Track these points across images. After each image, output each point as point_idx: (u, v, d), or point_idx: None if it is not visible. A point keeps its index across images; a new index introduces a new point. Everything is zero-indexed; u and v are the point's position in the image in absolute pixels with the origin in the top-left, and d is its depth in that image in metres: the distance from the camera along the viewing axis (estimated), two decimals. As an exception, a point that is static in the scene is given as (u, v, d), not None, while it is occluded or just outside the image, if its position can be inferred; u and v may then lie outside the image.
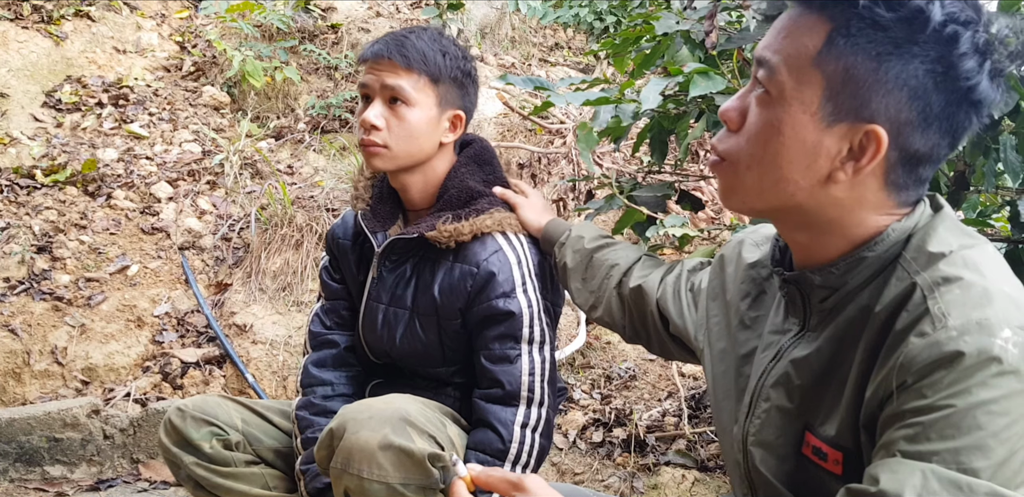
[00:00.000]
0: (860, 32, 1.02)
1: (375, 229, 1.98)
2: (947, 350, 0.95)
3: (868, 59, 1.02)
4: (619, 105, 2.07)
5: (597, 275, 1.84)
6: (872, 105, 1.03)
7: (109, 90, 4.98)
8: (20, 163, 4.35)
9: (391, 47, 1.85)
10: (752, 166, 1.11)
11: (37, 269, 3.81)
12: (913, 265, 1.06)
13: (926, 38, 1.00)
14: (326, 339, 2.11)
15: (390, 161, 1.89)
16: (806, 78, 1.05)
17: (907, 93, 1.02)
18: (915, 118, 1.03)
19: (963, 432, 0.93)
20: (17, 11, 5.06)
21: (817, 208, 1.10)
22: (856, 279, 1.12)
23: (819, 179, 1.08)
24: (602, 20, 6.82)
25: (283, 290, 3.97)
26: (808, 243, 1.16)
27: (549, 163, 4.71)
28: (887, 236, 1.09)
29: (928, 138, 1.05)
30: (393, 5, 6.37)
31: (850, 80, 1.03)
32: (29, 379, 3.50)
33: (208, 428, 1.96)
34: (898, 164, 1.06)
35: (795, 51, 1.06)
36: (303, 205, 4.31)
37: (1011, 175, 1.85)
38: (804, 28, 1.06)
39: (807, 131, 1.06)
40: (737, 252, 1.43)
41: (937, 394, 0.95)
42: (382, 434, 1.62)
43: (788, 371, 1.19)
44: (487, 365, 1.87)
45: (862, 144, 1.05)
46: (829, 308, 1.15)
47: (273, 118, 5.28)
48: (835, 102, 1.04)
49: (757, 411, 1.24)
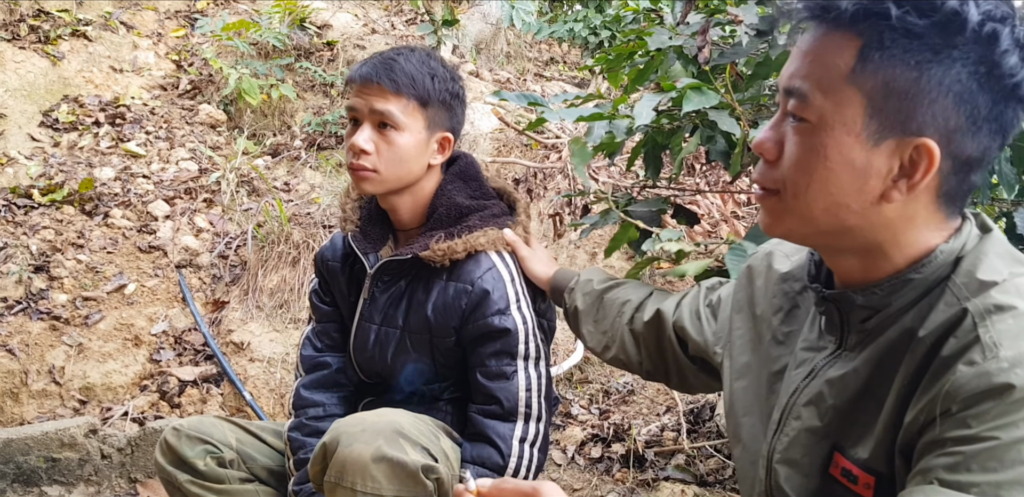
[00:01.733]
0: (895, 43, 0.98)
1: (366, 250, 1.97)
2: (997, 382, 0.92)
3: (907, 69, 0.98)
4: (613, 120, 2.07)
5: (609, 314, 1.82)
6: (918, 117, 0.99)
7: (106, 109, 4.99)
8: (17, 183, 4.36)
9: (379, 71, 1.84)
10: (799, 195, 1.07)
11: (34, 289, 3.80)
12: (963, 290, 1.03)
13: (965, 40, 0.97)
14: (318, 362, 2.10)
15: (380, 185, 1.88)
16: (844, 98, 1.01)
17: (952, 99, 0.98)
18: (964, 123, 0.99)
19: (1006, 466, 0.91)
20: (14, 31, 5.07)
21: (869, 230, 1.06)
22: (901, 301, 1.08)
23: (872, 200, 1.04)
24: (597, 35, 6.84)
25: (280, 307, 3.97)
26: (855, 265, 1.12)
27: (545, 178, 4.71)
28: (935, 258, 1.06)
29: (979, 141, 1.01)
30: (388, 22, 6.40)
31: (891, 94, 0.99)
32: (27, 399, 3.49)
33: (202, 446, 1.97)
34: (951, 173, 1.02)
35: (826, 73, 1.02)
36: (300, 222, 4.31)
37: (1006, 187, 1.85)
38: (831, 48, 1.02)
39: (854, 153, 1.02)
40: (767, 264, 1.39)
41: (982, 425, 0.92)
42: (375, 446, 1.62)
43: (822, 390, 1.16)
44: (484, 382, 1.87)
45: (912, 159, 1.01)
46: (870, 329, 1.12)
47: (269, 135, 5.29)
48: (879, 119, 1.00)
49: (786, 429, 1.21)
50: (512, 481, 1.15)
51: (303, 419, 2.05)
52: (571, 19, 7.03)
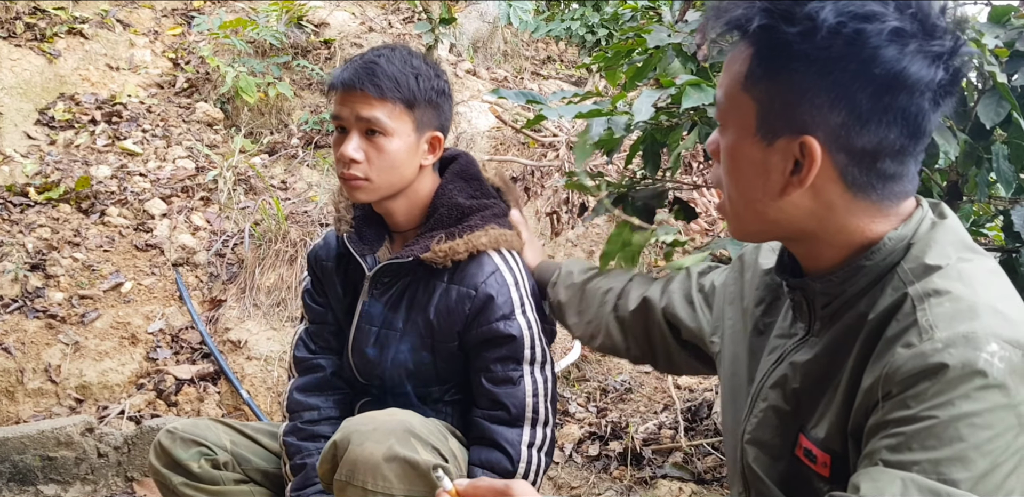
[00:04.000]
0: (773, 52, 1.05)
1: (363, 252, 1.94)
2: (932, 362, 0.96)
3: (785, 74, 1.05)
4: (611, 117, 2.07)
5: (592, 304, 1.83)
6: (799, 117, 1.05)
7: (102, 107, 4.98)
8: (13, 181, 4.35)
9: (362, 76, 1.79)
10: (731, 194, 1.16)
11: (30, 287, 3.79)
12: (909, 275, 1.07)
13: (830, 42, 1.02)
14: (312, 364, 2.08)
15: (373, 193, 1.86)
16: (740, 104, 1.10)
17: (827, 98, 1.04)
18: (847, 119, 1.05)
19: (944, 443, 0.94)
20: (10, 29, 5.06)
21: (793, 221, 1.13)
22: (854, 287, 1.13)
23: (775, 195, 1.11)
24: (594, 33, 6.84)
25: (277, 306, 3.96)
26: (807, 253, 1.18)
27: (542, 176, 4.71)
28: (883, 245, 1.10)
29: (871, 133, 1.05)
30: (386, 20, 6.39)
31: (775, 98, 1.06)
32: (23, 398, 3.48)
33: (196, 448, 1.96)
34: (850, 165, 1.07)
35: (729, 80, 1.11)
36: (297, 220, 4.30)
37: (1004, 185, 1.85)
38: (736, 57, 1.11)
39: (752, 152, 1.10)
40: (755, 257, 1.45)
41: (921, 405, 0.96)
42: (387, 445, 1.61)
43: (787, 373, 1.21)
44: (489, 387, 1.86)
45: (803, 155, 1.07)
46: (829, 315, 1.17)
47: (266, 134, 5.28)
48: (768, 121, 1.08)
49: (755, 410, 1.26)
50: (486, 480, 1.20)
51: (298, 423, 2.03)
52: (568, 17, 7.03)
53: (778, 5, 1.04)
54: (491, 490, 1.16)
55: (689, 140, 2.09)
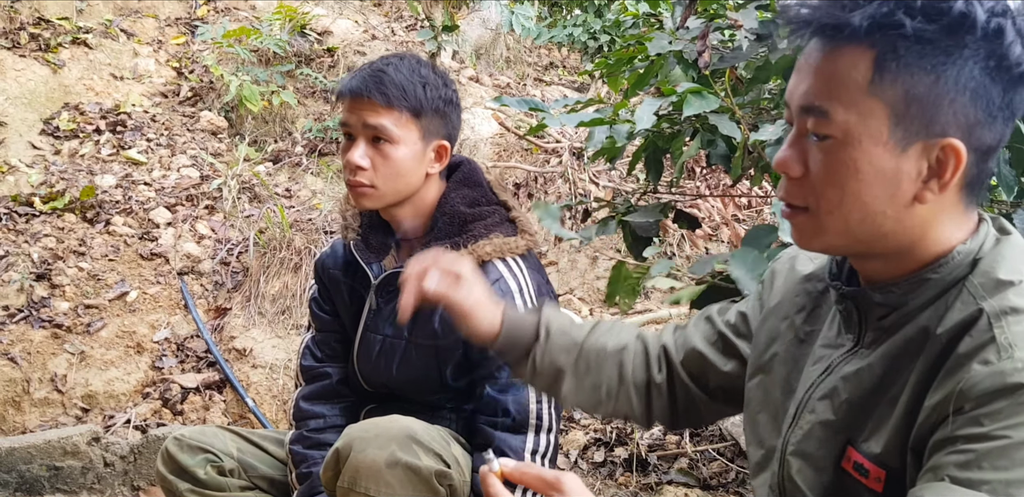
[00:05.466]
0: (908, 51, 1.00)
1: (369, 260, 1.95)
2: (1011, 381, 0.94)
3: (924, 74, 1.00)
4: (614, 125, 2.08)
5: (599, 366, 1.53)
6: (941, 119, 1.01)
7: (107, 116, 5.00)
8: (18, 191, 4.36)
9: (369, 84, 1.81)
10: (833, 210, 1.07)
11: (36, 297, 3.81)
12: (980, 290, 1.04)
13: (974, 39, 0.99)
14: (319, 372, 2.08)
15: (379, 200, 1.86)
16: (866, 110, 1.03)
17: (970, 96, 1.00)
18: (982, 117, 1.01)
19: (1016, 464, 0.92)
20: (14, 39, 5.08)
21: (904, 233, 1.07)
22: (918, 300, 1.09)
23: (906, 204, 1.05)
24: (596, 39, 6.85)
25: (282, 313, 3.97)
26: (882, 265, 1.13)
27: (545, 182, 4.72)
28: (952, 258, 1.07)
29: (995, 131, 1.03)
30: (388, 28, 6.41)
31: (913, 100, 1.01)
32: (29, 407, 3.49)
33: (203, 455, 1.96)
34: (973, 165, 1.04)
35: (844, 88, 1.03)
36: (301, 228, 4.31)
37: (1005, 189, 1.85)
38: (845, 62, 1.03)
39: (884, 162, 1.03)
40: (789, 266, 1.39)
41: (995, 424, 0.93)
42: (389, 451, 1.62)
43: (837, 385, 1.17)
44: (494, 394, 1.86)
45: (939, 159, 1.02)
46: (886, 326, 1.13)
47: (270, 142, 5.29)
48: (904, 125, 1.02)
49: (801, 422, 1.22)
50: (536, 467, 1.13)
51: (304, 431, 2.04)
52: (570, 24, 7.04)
53: (917, 0, 0.99)
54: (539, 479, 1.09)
55: (692, 148, 2.10)
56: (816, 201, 1.08)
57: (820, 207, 1.08)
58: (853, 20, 1.00)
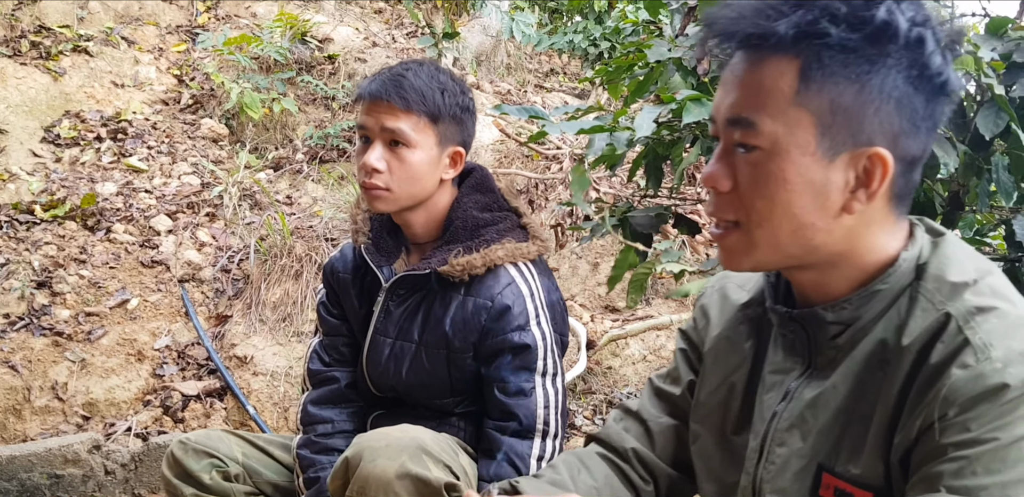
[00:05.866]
0: (832, 60, 1.00)
1: (380, 263, 1.96)
2: (992, 383, 0.94)
3: (849, 83, 1.00)
4: (614, 133, 2.08)
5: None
6: (867, 127, 1.01)
7: (108, 124, 5.01)
8: (19, 199, 4.37)
9: (389, 88, 1.82)
10: (763, 222, 1.06)
11: (37, 304, 3.81)
12: (937, 296, 1.03)
13: (897, 47, 0.99)
14: (326, 376, 2.08)
15: (393, 203, 1.87)
16: (793, 120, 1.02)
17: (894, 105, 1.01)
18: (907, 126, 1.02)
19: (1009, 466, 0.92)
20: (15, 48, 5.09)
21: (832, 243, 1.06)
22: (870, 313, 1.08)
23: (834, 214, 1.04)
24: (596, 46, 6.86)
25: (283, 321, 3.97)
26: (820, 279, 1.12)
27: (546, 189, 4.73)
28: (899, 266, 1.07)
29: (919, 140, 1.04)
30: (389, 35, 6.42)
31: (839, 109, 1.00)
32: (29, 415, 3.49)
33: (208, 460, 1.96)
34: (900, 175, 1.04)
35: (771, 98, 1.03)
36: (302, 235, 4.32)
37: (1004, 195, 1.86)
38: (770, 73, 1.03)
39: (812, 172, 1.02)
40: (720, 296, 1.36)
41: (982, 428, 0.93)
42: (399, 462, 1.62)
43: (803, 413, 1.14)
44: (502, 398, 1.86)
45: (867, 168, 1.02)
46: (842, 344, 1.11)
47: (271, 149, 5.30)
48: (831, 135, 1.01)
49: (771, 456, 1.18)
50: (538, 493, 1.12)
51: (312, 436, 2.03)
52: (571, 31, 7.05)
53: (844, 11, 0.99)
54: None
55: (692, 154, 2.10)
56: (746, 214, 1.07)
57: (750, 220, 1.07)
58: (779, 29, 1.00)
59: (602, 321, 4.34)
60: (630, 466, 1.43)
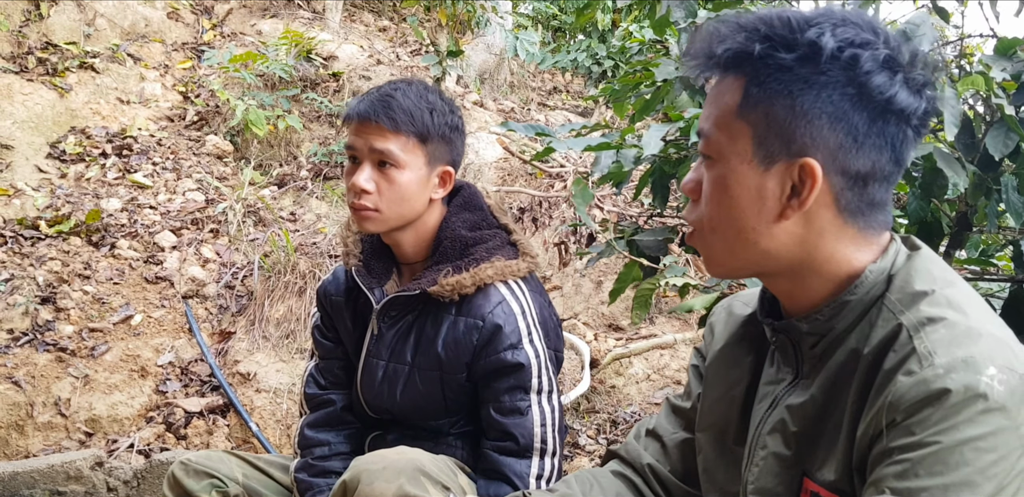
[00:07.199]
0: (770, 77, 1.07)
1: (371, 285, 1.95)
2: (934, 388, 0.97)
3: (783, 98, 1.07)
4: (620, 150, 2.08)
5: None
6: (798, 139, 1.07)
7: (113, 140, 5.02)
8: (24, 214, 4.37)
9: (377, 108, 1.82)
10: (716, 227, 1.15)
11: (41, 320, 3.80)
12: (898, 306, 1.08)
13: (828, 66, 1.05)
14: (323, 399, 2.08)
15: (382, 224, 1.87)
16: (735, 131, 1.11)
17: (827, 119, 1.06)
18: (844, 140, 1.07)
19: (951, 469, 0.94)
20: (22, 64, 5.12)
21: (783, 250, 1.13)
22: (842, 323, 1.13)
23: (771, 220, 1.11)
24: (600, 64, 6.89)
25: (286, 338, 3.96)
26: (792, 289, 1.18)
27: (550, 207, 4.73)
28: (866, 277, 1.11)
29: (865, 156, 1.08)
30: (393, 53, 6.45)
31: (772, 122, 1.08)
32: (32, 431, 3.47)
33: (208, 480, 1.96)
34: (845, 188, 1.09)
35: (720, 111, 1.12)
36: (306, 252, 4.32)
37: (1013, 215, 1.86)
38: (724, 90, 1.12)
39: (748, 178, 1.10)
40: (726, 314, 1.42)
41: (925, 431, 0.96)
42: (397, 485, 1.61)
43: (784, 417, 1.19)
44: (498, 418, 1.85)
45: (800, 178, 1.08)
46: (819, 354, 1.16)
47: (276, 166, 5.31)
48: (765, 146, 1.09)
49: (755, 459, 1.23)
50: None
51: (309, 459, 2.03)
52: (574, 49, 7.09)
53: (777, 32, 1.07)
54: None
55: (699, 172, 2.10)
56: (700, 220, 1.17)
57: (704, 225, 1.16)
58: (716, 50, 1.10)
59: (606, 340, 4.33)
60: (645, 482, 1.48)
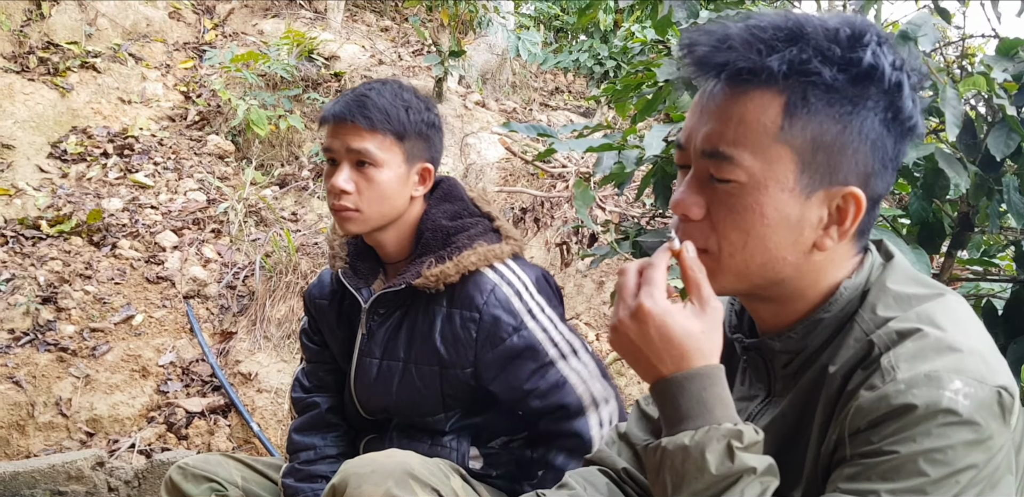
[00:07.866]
0: (817, 98, 1.00)
1: (358, 286, 1.95)
2: (896, 403, 0.95)
3: (833, 123, 1.01)
4: (622, 151, 2.08)
5: None
6: (844, 167, 1.02)
7: (114, 140, 5.02)
8: (25, 214, 4.37)
9: (352, 108, 1.82)
10: (736, 253, 1.07)
11: (42, 320, 3.80)
12: (869, 324, 1.05)
13: (877, 90, 1.01)
14: (308, 403, 2.08)
15: (363, 224, 1.87)
16: (774, 156, 1.02)
17: (870, 146, 1.02)
18: (878, 167, 1.04)
19: (904, 477, 0.93)
20: (24, 64, 5.12)
21: (799, 278, 1.08)
22: (815, 341, 1.10)
23: (806, 250, 1.06)
24: (602, 65, 6.89)
25: (287, 338, 3.96)
26: (774, 310, 1.14)
27: (552, 207, 4.72)
28: (840, 295, 1.08)
29: (887, 179, 1.06)
30: (395, 53, 6.45)
31: (820, 148, 1.01)
32: (33, 431, 3.47)
33: (207, 484, 1.95)
34: (866, 213, 1.06)
35: (752, 132, 1.02)
36: (307, 252, 4.32)
37: (1015, 216, 1.85)
38: (752, 106, 1.02)
39: (789, 208, 1.03)
40: None
41: (883, 441, 0.95)
42: (384, 488, 1.60)
43: None
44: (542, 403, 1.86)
45: (840, 207, 1.04)
46: (792, 373, 1.13)
47: (277, 166, 5.31)
48: (810, 173, 1.02)
49: None
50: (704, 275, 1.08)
51: (295, 464, 2.03)
52: (576, 49, 7.09)
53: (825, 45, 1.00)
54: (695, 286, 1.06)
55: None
56: (718, 244, 1.07)
57: (722, 250, 1.07)
58: (771, 65, 1.00)
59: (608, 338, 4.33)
60: (625, 484, 1.46)
